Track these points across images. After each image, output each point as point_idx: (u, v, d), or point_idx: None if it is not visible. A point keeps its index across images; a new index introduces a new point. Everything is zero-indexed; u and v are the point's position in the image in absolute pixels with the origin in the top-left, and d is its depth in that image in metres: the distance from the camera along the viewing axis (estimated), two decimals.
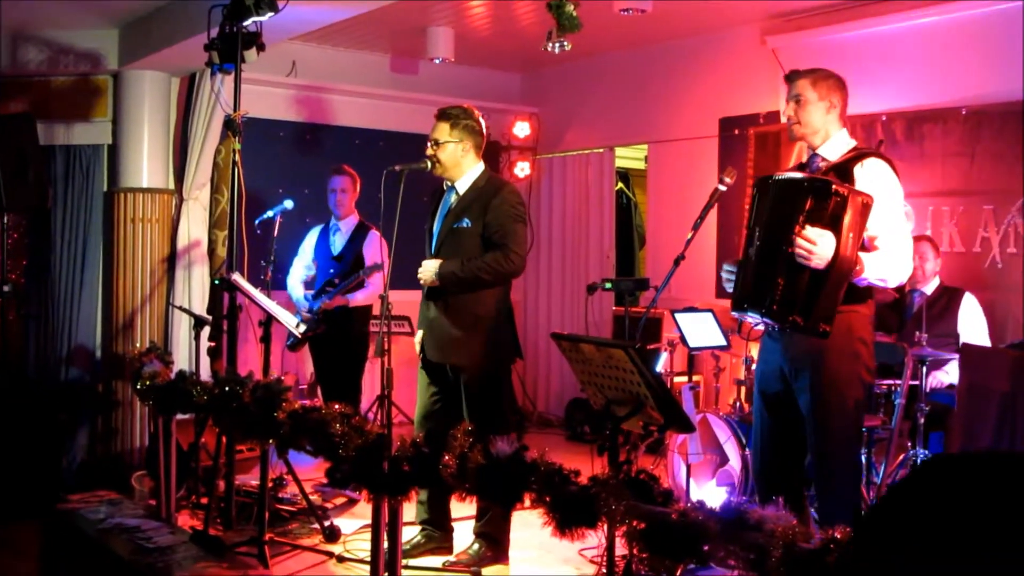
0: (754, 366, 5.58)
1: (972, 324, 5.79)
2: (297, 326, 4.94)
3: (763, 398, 4.07)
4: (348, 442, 3.47)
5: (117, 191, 7.08)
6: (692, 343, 4.87)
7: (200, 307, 6.76)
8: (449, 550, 4.85)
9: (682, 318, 4.81)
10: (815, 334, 3.69)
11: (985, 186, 6.18)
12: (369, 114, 8.45)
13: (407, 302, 7.77)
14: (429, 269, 4.67)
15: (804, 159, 4.17)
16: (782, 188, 3.81)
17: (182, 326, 7.07)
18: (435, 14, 7.44)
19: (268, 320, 4.73)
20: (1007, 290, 6.11)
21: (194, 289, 7.09)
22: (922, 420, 5.09)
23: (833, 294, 3.65)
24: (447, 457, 3.09)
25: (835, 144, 4.00)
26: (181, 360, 6.67)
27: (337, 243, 6.40)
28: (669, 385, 5.60)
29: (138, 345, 6.79)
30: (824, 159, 3.99)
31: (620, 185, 9.45)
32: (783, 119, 4.10)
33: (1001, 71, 6.16)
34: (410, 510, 4.59)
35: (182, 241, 7.11)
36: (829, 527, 2.29)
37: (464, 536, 4.93)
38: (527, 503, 2.90)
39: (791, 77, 4.08)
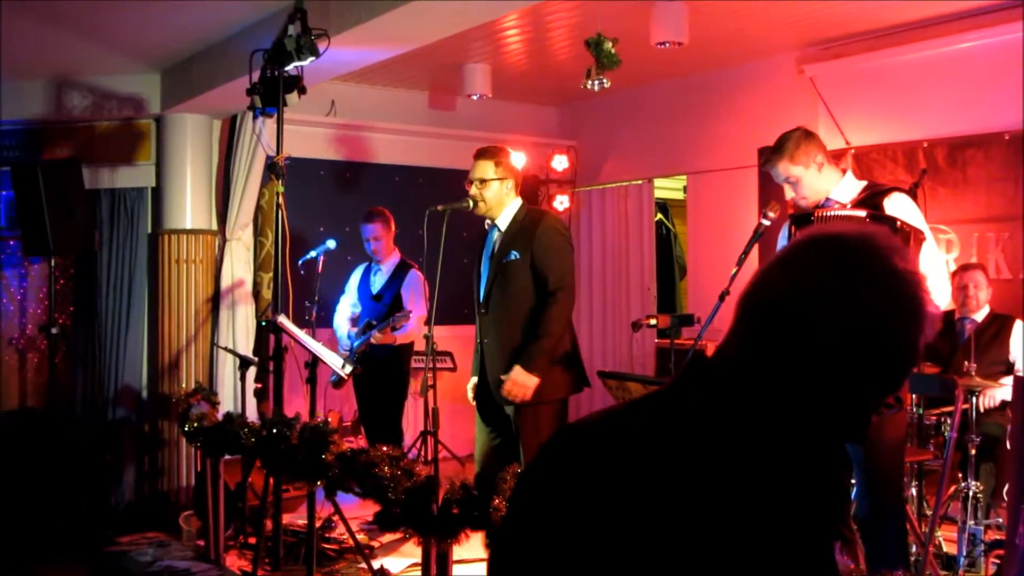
0: None
1: None
2: (343, 367, 4.96)
3: None
4: (397, 484, 3.47)
5: (161, 232, 7.17)
6: None
7: (244, 347, 6.82)
8: None
9: None
10: None
11: None
12: (408, 151, 8.50)
13: (449, 337, 7.81)
14: (518, 381, 4.51)
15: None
16: (834, 224, 3.79)
17: (226, 366, 7.12)
18: (472, 51, 7.49)
19: (314, 361, 4.75)
20: None
21: (238, 329, 7.14)
22: (973, 451, 5.02)
23: None
24: (497, 500, 3.07)
25: (845, 187, 4.03)
26: (226, 400, 6.71)
27: (376, 283, 6.42)
28: None
29: (184, 386, 6.84)
30: (837, 201, 4.01)
31: (659, 216, 9.43)
32: (788, 195, 4.09)
33: None
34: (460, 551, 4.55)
35: (225, 281, 7.17)
36: (879, 566, 2.27)
37: None
38: None
39: (765, 164, 4.10)
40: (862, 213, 3.79)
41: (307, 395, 5.01)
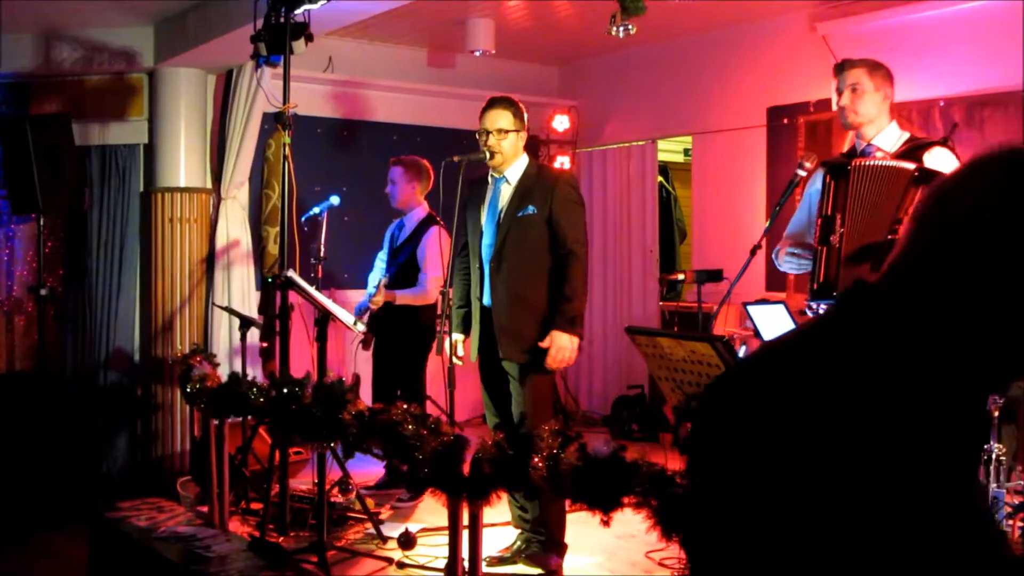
0: None
1: None
2: (355, 324, 4.77)
3: None
4: (424, 444, 3.30)
5: (154, 191, 6.95)
6: (767, 337, 4.68)
7: (240, 308, 6.61)
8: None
9: (755, 311, 4.62)
10: None
11: None
12: (406, 109, 8.29)
13: None
14: (564, 346, 4.41)
15: (854, 148, 4.06)
16: (874, 176, 3.67)
17: (222, 328, 6.94)
18: (473, 7, 7.28)
19: (324, 319, 4.56)
20: None
21: (234, 290, 6.95)
22: (995, 413, 4.91)
23: None
24: (536, 459, 2.91)
25: (889, 134, 3.95)
26: (224, 362, 6.50)
27: (398, 239, 6.19)
28: None
29: (179, 348, 6.66)
30: (879, 148, 3.92)
31: (660, 179, 9.26)
32: (835, 107, 3.99)
33: None
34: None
35: (220, 241, 6.97)
36: None
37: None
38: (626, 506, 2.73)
39: (843, 67, 4.02)
40: (910, 166, 3.65)
41: (314, 354, 4.81)
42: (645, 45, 8.39)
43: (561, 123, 8.83)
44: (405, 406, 3.60)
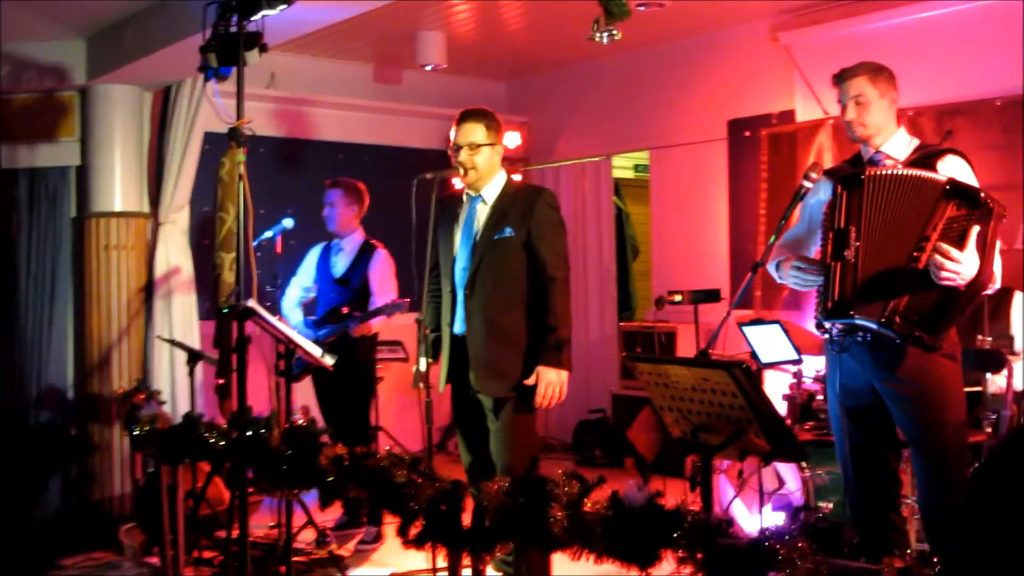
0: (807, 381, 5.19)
1: None
2: (323, 355, 4.42)
3: (850, 416, 3.69)
4: (419, 493, 2.97)
5: (87, 216, 6.49)
6: (764, 358, 4.45)
7: (183, 340, 6.18)
8: None
9: (751, 332, 4.39)
10: (930, 349, 3.39)
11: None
12: (352, 127, 7.96)
13: (402, 326, 7.28)
14: (552, 381, 4.16)
15: (859, 156, 3.84)
16: (894, 186, 3.44)
17: (163, 361, 6.50)
18: (423, 19, 6.98)
19: (288, 352, 4.19)
20: None
21: (175, 321, 6.52)
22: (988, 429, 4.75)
23: (963, 311, 3.41)
24: (556, 508, 2.60)
25: (898, 141, 3.74)
26: (167, 400, 6.07)
27: (339, 264, 5.86)
28: None
29: (117, 384, 6.23)
30: (889, 156, 3.71)
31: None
32: (848, 116, 3.74)
33: None
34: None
35: (160, 269, 6.54)
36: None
37: None
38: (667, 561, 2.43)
39: (843, 76, 3.77)
40: (941, 178, 3.42)
41: (272, 391, 4.45)
42: (598, 58, 8.16)
43: (511, 140, 8.54)
44: (388, 449, 3.27)
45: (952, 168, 3.59)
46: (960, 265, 3.22)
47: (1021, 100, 5.86)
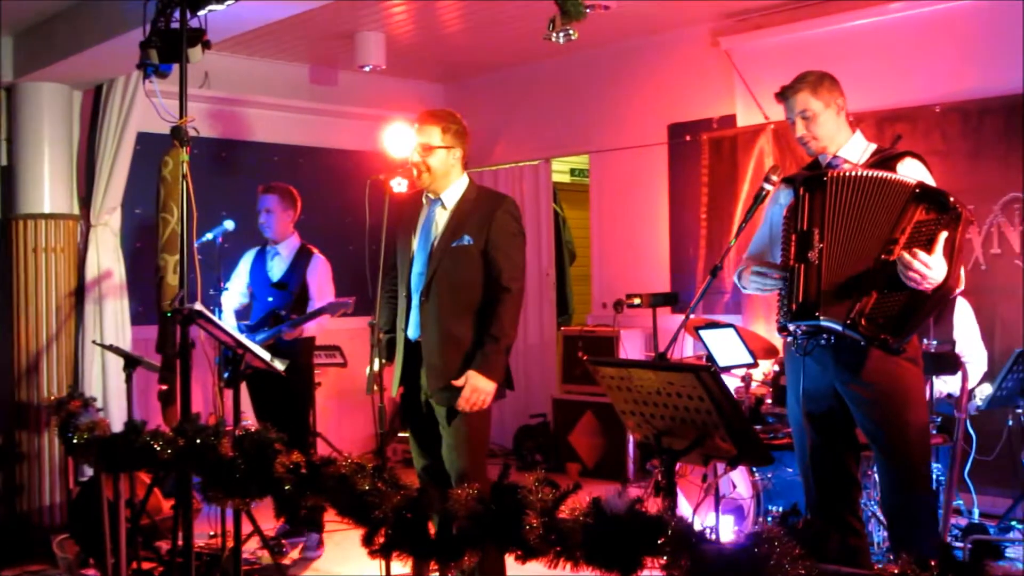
0: (755, 384, 5.20)
1: (967, 329, 5.53)
2: (273, 360, 4.29)
3: (811, 419, 3.67)
4: (384, 501, 2.87)
5: (14, 218, 6.28)
6: (722, 362, 4.43)
7: (115, 345, 5.99)
8: None
9: (708, 335, 4.36)
10: (895, 352, 3.39)
11: (963, 185, 5.88)
12: (288, 129, 7.83)
13: (340, 331, 7.17)
14: (479, 388, 4.03)
15: (817, 160, 3.82)
16: (858, 187, 3.43)
17: (95, 367, 6.31)
18: (363, 18, 6.87)
19: (237, 357, 4.06)
20: (992, 292, 5.88)
21: (107, 326, 6.33)
22: (934, 431, 4.79)
23: (928, 314, 3.42)
24: (531, 515, 2.53)
25: (854, 145, 3.73)
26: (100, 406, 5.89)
27: (276, 269, 5.71)
28: None
29: (47, 391, 6.03)
30: (846, 160, 3.68)
31: None
32: (798, 132, 3.72)
33: (977, 65, 5.93)
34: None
35: (91, 272, 6.35)
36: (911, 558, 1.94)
37: None
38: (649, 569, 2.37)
39: (785, 94, 3.74)
40: (911, 181, 3.41)
41: (214, 394, 4.32)
42: (537, 60, 8.13)
43: None
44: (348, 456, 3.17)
45: (911, 170, 3.58)
46: (929, 269, 3.22)
47: (960, 106, 5.96)
